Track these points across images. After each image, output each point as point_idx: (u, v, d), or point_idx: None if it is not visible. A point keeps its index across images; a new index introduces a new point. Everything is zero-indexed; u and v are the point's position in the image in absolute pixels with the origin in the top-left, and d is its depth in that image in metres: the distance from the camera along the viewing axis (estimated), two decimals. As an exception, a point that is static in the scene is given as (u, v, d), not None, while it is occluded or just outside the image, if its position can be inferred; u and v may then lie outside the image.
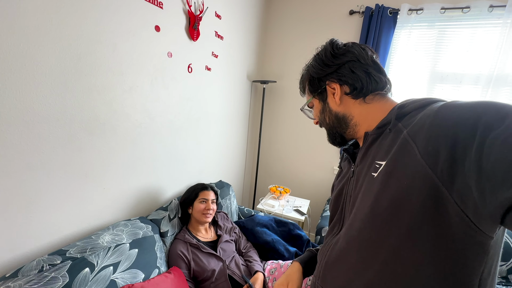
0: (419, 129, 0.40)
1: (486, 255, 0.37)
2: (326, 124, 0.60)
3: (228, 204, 1.67)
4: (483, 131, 0.32)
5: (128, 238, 1.00)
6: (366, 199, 0.46)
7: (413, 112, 0.45)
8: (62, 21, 0.82)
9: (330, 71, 0.55)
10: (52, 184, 0.88)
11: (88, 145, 0.97)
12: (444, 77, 1.82)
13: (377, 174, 0.44)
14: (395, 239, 0.41)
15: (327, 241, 0.59)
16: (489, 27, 1.66)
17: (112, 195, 1.11)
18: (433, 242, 0.38)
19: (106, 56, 0.97)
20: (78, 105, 0.92)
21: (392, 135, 0.45)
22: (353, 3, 2.02)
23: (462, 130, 0.34)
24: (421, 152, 0.38)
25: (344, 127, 0.57)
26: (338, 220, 0.57)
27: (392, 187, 0.41)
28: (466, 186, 0.33)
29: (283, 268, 1.30)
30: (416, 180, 0.38)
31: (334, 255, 0.53)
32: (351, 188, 0.54)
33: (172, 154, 1.43)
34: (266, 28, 2.34)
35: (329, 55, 0.55)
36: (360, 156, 0.52)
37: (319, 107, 0.61)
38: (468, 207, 0.34)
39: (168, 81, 1.30)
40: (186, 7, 1.32)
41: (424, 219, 0.38)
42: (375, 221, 0.43)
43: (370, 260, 0.44)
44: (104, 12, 0.94)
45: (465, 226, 0.35)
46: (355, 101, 0.54)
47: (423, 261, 0.39)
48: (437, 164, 0.36)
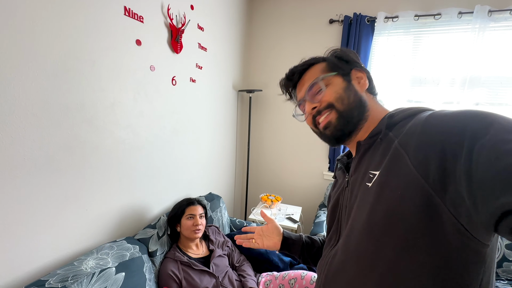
0: (409, 139, 0.40)
1: (483, 264, 0.37)
2: (346, 104, 0.52)
3: (219, 216, 1.63)
4: (470, 140, 0.32)
5: (114, 261, 0.95)
6: (362, 210, 0.45)
7: (402, 121, 0.45)
8: (36, 40, 0.79)
9: (358, 61, 0.57)
10: (28, 210, 0.83)
11: (68, 166, 0.93)
12: (422, 80, 1.89)
13: (371, 184, 0.44)
14: (392, 251, 0.40)
15: (325, 253, 0.58)
16: (460, 32, 1.76)
17: (95, 217, 1.05)
18: (430, 252, 0.37)
19: (84, 72, 0.94)
20: (56, 125, 0.87)
21: (383, 144, 0.45)
22: (332, 12, 2.09)
23: (450, 139, 0.34)
24: (413, 161, 0.38)
25: (361, 115, 0.52)
26: (335, 231, 0.56)
27: (387, 197, 0.41)
28: (458, 195, 0.33)
29: (278, 279, 1.27)
30: (410, 190, 0.38)
31: (334, 268, 0.52)
32: (346, 199, 0.53)
33: (159, 169, 1.39)
34: (250, 38, 2.37)
35: (347, 52, 0.58)
36: (354, 166, 0.52)
37: (342, 85, 0.53)
38: (461, 215, 0.34)
39: (151, 95, 1.28)
40: (167, 20, 1.32)
41: (419, 229, 0.37)
42: (372, 233, 0.42)
43: (368, 272, 0.43)
44: (82, 28, 0.92)
45: (460, 235, 0.35)
46: (370, 96, 0.56)
47: (421, 272, 0.38)
48: (428, 173, 0.36)
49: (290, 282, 1.22)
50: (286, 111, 2.32)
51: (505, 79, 1.70)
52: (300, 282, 1.20)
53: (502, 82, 1.71)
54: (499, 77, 1.71)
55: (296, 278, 1.22)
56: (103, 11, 0.98)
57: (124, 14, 1.07)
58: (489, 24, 1.67)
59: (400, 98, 1.95)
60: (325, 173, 2.29)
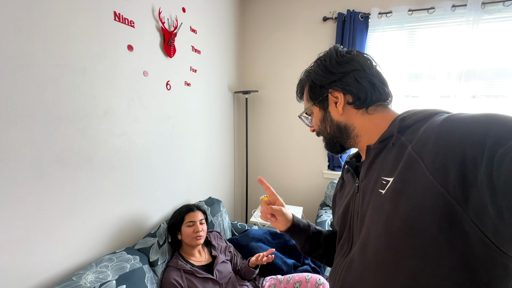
0: (424, 145, 0.38)
1: (510, 277, 0.35)
2: (326, 134, 0.58)
3: (220, 221, 1.61)
4: (492, 147, 0.30)
5: (114, 274, 0.92)
6: (377, 219, 0.43)
7: (415, 125, 0.43)
8: (22, 48, 0.76)
9: (334, 79, 0.53)
10: (22, 226, 0.80)
11: (62, 178, 0.90)
12: (418, 75, 1.89)
13: (385, 191, 0.42)
14: (412, 261, 0.38)
15: (338, 262, 0.56)
16: (454, 25, 1.75)
17: (93, 229, 1.03)
18: (453, 264, 0.35)
19: (75, 81, 0.92)
20: (47, 136, 0.85)
21: (396, 149, 0.43)
22: (325, 10, 2.07)
23: (470, 144, 0.32)
24: (429, 168, 0.36)
25: (345, 137, 0.55)
26: (346, 238, 0.54)
27: (404, 206, 0.39)
28: (481, 203, 0.31)
29: (282, 283, 1.26)
30: (428, 198, 0.36)
31: (350, 278, 0.50)
32: (357, 205, 0.51)
33: (157, 176, 1.36)
34: (244, 39, 2.35)
35: (334, 62, 0.53)
36: (364, 171, 0.50)
37: (319, 116, 0.58)
38: (486, 226, 0.32)
39: (146, 101, 1.25)
40: (159, 24, 1.29)
41: (440, 239, 0.35)
42: (390, 242, 0.41)
43: (388, 283, 0.41)
44: (71, 35, 0.89)
45: (485, 247, 0.33)
46: (357, 111, 0.52)
47: (444, 284, 0.36)
48: (447, 180, 0.34)
49: (295, 286, 1.21)
50: (283, 111, 2.30)
51: (500, 70, 1.70)
52: (305, 285, 1.18)
53: (498, 73, 1.71)
54: (494, 69, 1.71)
55: (301, 281, 1.20)
56: (93, 17, 0.96)
57: (114, 20, 1.05)
58: (482, 16, 1.66)
59: (397, 94, 1.94)
60: (325, 171, 2.27)
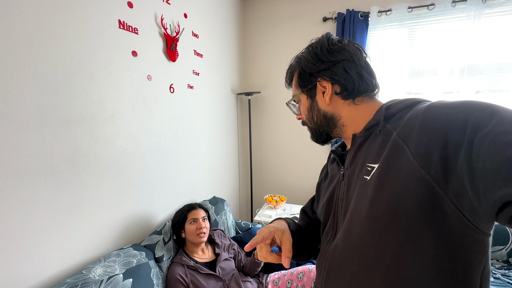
0: (409, 131, 0.40)
1: (485, 253, 0.37)
2: (313, 123, 0.59)
3: (224, 220, 1.64)
4: (472, 131, 0.32)
5: (121, 268, 0.97)
6: (361, 204, 0.45)
7: (399, 112, 0.44)
8: (35, 56, 0.83)
9: (324, 68, 0.53)
10: (35, 222, 0.85)
11: (72, 177, 0.96)
12: (420, 71, 1.88)
13: (370, 177, 0.44)
14: (396, 244, 0.40)
15: (323, 248, 0.56)
16: (455, 21, 1.74)
17: (101, 226, 1.08)
18: (434, 244, 0.37)
19: (83, 86, 0.98)
20: (58, 138, 0.91)
21: (381, 137, 0.45)
22: (325, 10, 2.09)
23: (451, 130, 0.34)
24: (413, 153, 0.38)
25: (331, 127, 0.56)
26: (331, 225, 0.55)
27: (387, 190, 0.40)
28: (461, 186, 0.33)
29: (286, 276, 1.28)
30: (411, 182, 0.37)
31: (335, 264, 0.51)
32: (342, 192, 0.52)
33: (162, 176, 1.42)
34: (245, 41, 2.40)
35: (324, 50, 0.53)
36: (350, 159, 0.51)
37: (306, 104, 0.58)
38: (464, 206, 0.34)
39: (150, 104, 1.31)
40: (162, 30, 1.35)
41: (422, 221, 0.37)
42: (374, 227, 0.42)
43: (372, 267, 0.43)
44: (78, 43, 0.95)
45: (463, 226, 0.35)
46: (344, 101, 0.53)
47: (426, 264, 0.38)
48: (430, 165, 0.36)
49: (298, 276, 1.23)
50: (286, 111, 2.33)
51: (504, 64, 1.67)
52: (308, 274, 1.21)
53: (501, 68, 1.69)
54: (498, 63, 1.68)
55: (304, 271, 1.23)
56: (99, 26, 1.02)
57: (119, 28, 1.11)
58: (484, 10, 1.65)
59: (399, 91, 1.93)
60: (329, 170, 2.28)
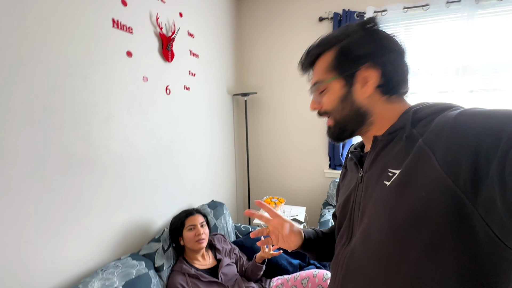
0: (436, 138, 0.37)
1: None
2: (340, 116, 0.50)
3: (224, 224, 1.60)
4: (506, 142, 0.30)
5: (121, 280, 0.92)
6: (381, 210, 0.43)
7: (427, 118, 0.41)
8: (25, 57, 0.77)
9: (377, 52, 0.46)
10: (26, 234, 0.79)
11: (65, 186, 0.90)
12: (415, 71, 1.90)
13: (390, 183, 0.42)
14: (416, 253, 0.38)
15: (339, 251, 0.55)
16: (449, 21, 1.77)
17: (97, 235, 1.02)
18: (457, 256, 0.35)
19: (76, 88, 0.92)
20: (50, 144, 0.85)
21: (405, 141, 0.42)
22: (321, 10, 2.09)
23: (484, 139, 0.32)
24: (440, 162, 0.36)
25: (359, 124, 0.50)
26: (346, 228, 0.54)
27: (410, 198, 0.38)
28: (491, 199, 0.31)
29: (290, 281, 1.25)
30: (436, 192, 0.35)
31: (352, 268, 0.49)
32: (359, 195, 0.50)
33: (159, 181, 1.36)
34: (241, 41, 2.36)
35: (381, 32, 0.47)
36: (369, 162, 0.49)
37: (339, 93, 0.49)
38: (493, 221, 0.32)
39: (146, 106, 1.25)
40: (157, 29, 1.30)
41: (446, 232, 0.35)
42: (395, 234, 0.40)
43: (391, 275, 0.41)
44: (70, 44, 0.89)
45: (490, 242, 0.33)
46: (381, 97, 0.48)
47: (447, 276, 0.36)
48: (458, 175, 0.34)
49: (302, 282, 1.20)
50: (282, 112, 2.31)
51: (496, 64, 1.71)
52: (313, 280, 1.18)
53: (494, 67, 1.72)
54: (491, 63, 1.72)
55: (309, 277, 1.20)
56: (92, 25, 0.96)
57: (113, 27, 1.05)
58: (477, 11, 1.68)
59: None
60: (326, 170, 2.28)
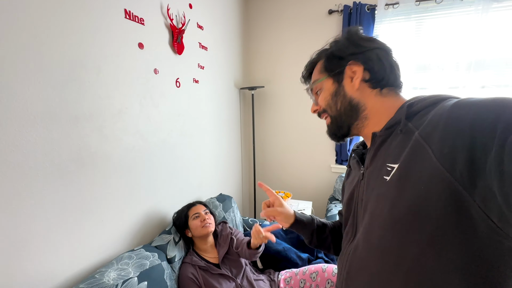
0: (432, 130, 0.37)
1: None
2: (335, 111, 0.55)
3: (233, 217, 1.61)
4: (503, 132, 0.29)
5: (135, 271, 0.93)
6: (381, 204, 0.44)
7: (423, 110, 0.42)
8: (41, 49, 0.76)
9: (357, 51, 0.51)
10: (44, 225, 0.80)
11: (81, 177, 0.90)
12: (426, 66, 1.87)
13: (389, 177, 0.42)
14: (418, 247, 0.38)
15: (344, 248, 0.57)
16: (463, 15, 1.73)
17: (111, 227, 1.04)
18: (459, 248, 0.35)
19: (91, 80, 0.92)
20: (66, 136, 0.85)
21: (402, 136, 0.43)
22: (331, 3, 2.05)
23: (480, 130, 0.32)
24: (436, 154, 0.35)
25: (354, 117, 0.53)
26: (351, 225, 0.55)
27: (409, 192, 0.39)
28: (489, 190, 0.31)
29: (298, 275, 1.26)
30: (434, 185, 0.35)
31: (356, 264, 0.50)
32: (362, 191, 0.51)
33: (170, 174, 1.37)
34: (249, 34, 2.33)
35: (360, 36, 0.52)
36: (370, 158, 0.50)
37: (331, 89, 0.54)
38: (492, 211, 0.32)
39: (157, 99, 1.25)
40: (168, 21, 1.28)
41: (446, 225, 0.35)
42: (395, 228, 0.41)
43: (393, 270, 0.42)
44: (85, 35, 0.88)
45: (491, 232, 0.33)
46: (372, 90, 0.51)
47: (449, 268, 0.36)
48: (455, 166, 0.33)
49: (311, 276, 1.21)
50: (289, 106, 2.30)
51: (510, 60, 1.68)
52: (322, 274, 1.19)
53: (507, 63, 1.69)
54: (504, 58, 1.69)
55: (318, 271, 1.21)
56: (104, 16, 0.95)
57: (125, 18, 1.04)
58: (492, 4, 1.64)
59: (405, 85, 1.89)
60: (333, 166, 2.27)
